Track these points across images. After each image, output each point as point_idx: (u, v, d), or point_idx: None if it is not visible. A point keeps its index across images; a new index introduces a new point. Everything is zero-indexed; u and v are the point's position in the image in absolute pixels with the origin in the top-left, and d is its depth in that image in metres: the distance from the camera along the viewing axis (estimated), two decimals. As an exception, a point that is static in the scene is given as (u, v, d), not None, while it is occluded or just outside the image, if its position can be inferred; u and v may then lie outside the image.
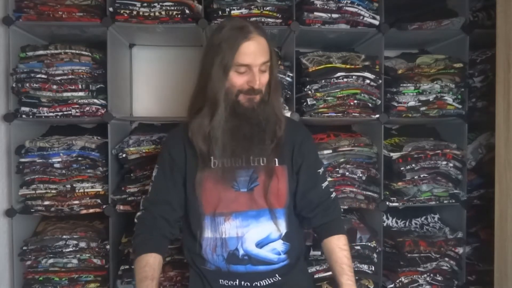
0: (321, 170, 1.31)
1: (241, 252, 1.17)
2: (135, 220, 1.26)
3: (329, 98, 1.77)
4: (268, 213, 1.18)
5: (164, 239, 1.24)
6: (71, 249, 1.71)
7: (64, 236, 1.72)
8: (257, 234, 1.18)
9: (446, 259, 1.84)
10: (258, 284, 1.20)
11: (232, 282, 1.20)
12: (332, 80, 1.75)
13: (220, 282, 1.21)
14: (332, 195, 1.31)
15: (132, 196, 1.72)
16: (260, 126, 1.16)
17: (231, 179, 1.17)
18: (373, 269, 1.78)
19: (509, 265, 1.55)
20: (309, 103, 1.76)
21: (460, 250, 1.85)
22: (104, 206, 1.72)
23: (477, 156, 1.95)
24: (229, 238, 1.17)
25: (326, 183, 1.31)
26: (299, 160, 1.26)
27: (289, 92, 1.79)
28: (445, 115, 1.87)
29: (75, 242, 1.71)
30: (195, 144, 1.17)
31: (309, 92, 1.76)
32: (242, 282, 1.20)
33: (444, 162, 1.84)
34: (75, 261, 1.72)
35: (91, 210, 1.72)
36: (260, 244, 1.18)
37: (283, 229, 1.21)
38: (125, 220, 1.92)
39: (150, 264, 1.17)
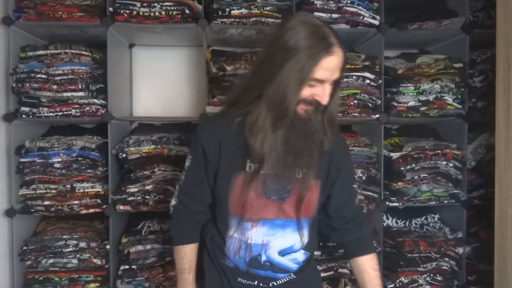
0: (355, 185, 1.30)
1: (263, 258, 1.17)
2: (170, 209, 1.27)
3: (329, 98, 1.77)
4: (295, 224, 1.17)
5: (199, 226, 1.27)
6: (71, 249, 1.71)
7: (64, 236, 1.72)
8: (282, 243, 1.17)
9: (446, 259, 1.84)
10: (275, 284, 1.21)
11: (250, 282, 1.20)
12: (332, 80, 1.75)
13: (238, 280, 1.21)
14: (364, 210, 1.31)
15: (132, 196, 1.71)
16: (312, 138, 1.11)
17: (265, 187, 1.13)
18: (373, 269, 1.78)
19: (509, 265, 1.56)
20: (309, 103, 1.76)
21: (460, 250, 1.85)
22: (104, 206, 1.72)
23: (477, 156, 1.95)
24: (255, 244, 1.16)
25: (358, 197, 1.31)
26: (335, 174, 1.23)
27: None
28: (445, 115, 1.87)
29: (75, 242, 1.71)
30: (252, 145, 1.08)
31: (309, 92, 1.75)
32: (261, 284, 1.20)
33: (444, 162, 1.84)
34: (75, 261, 1.72)
35: (91, 210, 1.72)
36: (283, 253, 1.18)
37: (306, 239, 1.21)
38: (125, 220, 1.92)
39: (187, 256, 1.23)
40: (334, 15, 1.78)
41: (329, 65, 1.02)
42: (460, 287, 1.87)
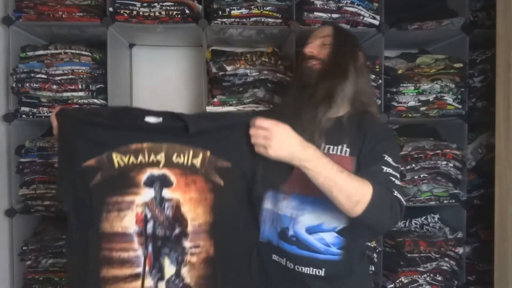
0: (387, 168, 1.14)
1: (290, 232, 1.21)
2: None
3: (329, 98, 1.76)
4: (326, 202, 1.08)
5: None
6: (71, 249, 1.71)
7: (64, 236, 1.72)
8: (310, 220, 1.19)
9: (446, 259, 1.84)
10: (300, 270, 1.20)
11: (281, 259, 1.23)
12: (332, 80, 1.75)
13: (272, 257, 1.25)
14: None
15: (132, 196, 1.71)
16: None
17: None
18: (373, 269, 1.78)
19: (509, 265, 1.56)
20: (309, 103, 1.76)
21: (460, 250, 1.85)
22: (104, 206, 1.72)
23: (477, 156, 1.95)
24: (284, 215, 1.22)
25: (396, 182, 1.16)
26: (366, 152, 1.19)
27: (289, 92, 1.79)
28: (445, 115, 1.87)
29: (75, 242, 1.71)
30: None
31: (309, 92, 1.75)
32: (288, 262, 1.22)
33: (444, 162, 1.84)
34: (75, 261, 1.72)
35: (91, 210, 1.72)
36: (310, 230, 1.19)
37: (341, 223, 1.18)
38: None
39: None
40: (334, 15, 1.78)
41: None
42: (460, 287, 1.87)
